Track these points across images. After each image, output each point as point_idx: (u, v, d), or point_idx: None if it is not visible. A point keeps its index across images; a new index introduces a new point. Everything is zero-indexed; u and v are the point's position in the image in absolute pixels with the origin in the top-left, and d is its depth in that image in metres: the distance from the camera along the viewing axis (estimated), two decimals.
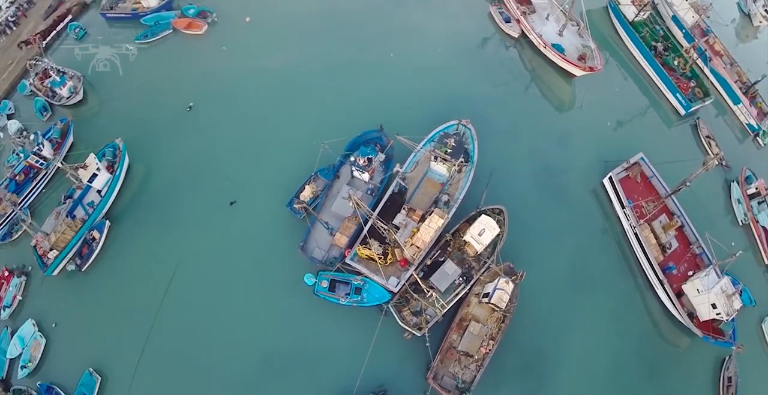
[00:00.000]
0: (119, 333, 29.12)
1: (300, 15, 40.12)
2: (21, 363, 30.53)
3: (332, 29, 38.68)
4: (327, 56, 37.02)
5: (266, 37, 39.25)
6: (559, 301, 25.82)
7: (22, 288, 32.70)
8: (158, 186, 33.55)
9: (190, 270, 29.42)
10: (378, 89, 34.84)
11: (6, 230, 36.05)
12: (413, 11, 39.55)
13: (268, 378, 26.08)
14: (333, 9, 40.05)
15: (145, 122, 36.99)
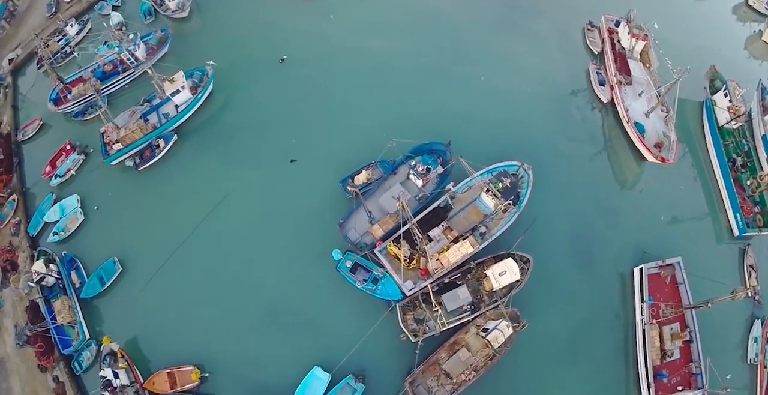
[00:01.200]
0: (151, 237, 31.89)
1: (412, 10, 41.87)
2: (55, 229, 33.60)
3: (437, 33, 40.41)
4: (422, 57, 38.82)
5: (373, 20, 41.30)
6: (549, 360, 27.18)
7: (78, 165, 35.58)
8: (231, 120, 36.07)
9: (233, 205, 32.00)
10: (458, 105, 36.45)
11: (81, 109, 39.03)
12: (518, 43, 40.88)
13: (265, 324, 28.68)
14: (444, 14, 41.79)
15: (238, 58, 39.51)
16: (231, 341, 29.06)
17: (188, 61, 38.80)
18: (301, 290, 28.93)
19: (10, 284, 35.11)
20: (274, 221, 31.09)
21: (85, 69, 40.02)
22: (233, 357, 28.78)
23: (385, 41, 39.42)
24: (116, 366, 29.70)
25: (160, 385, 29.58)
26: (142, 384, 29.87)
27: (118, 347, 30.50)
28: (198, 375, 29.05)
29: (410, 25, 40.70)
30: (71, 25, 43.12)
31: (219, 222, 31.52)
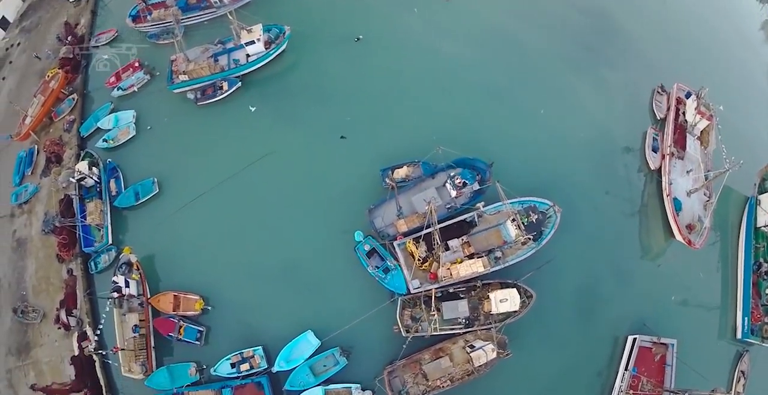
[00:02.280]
0: (192, 169, 34.40)
1: (493, 25, 42.94)
2: (105, 136, 35.89)
3: (510, 54, 41.39)
4: (490, 73, 39.94)
5: (453, 25, 42.36)
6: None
7: (141, 84, 37.46)
8: (296, 82, 37.97)
9: (276, 162, 34.46)
10: (510, 129, 37.59)
11: (157, 32, 40.91)
12: (585, 86, 41.59)
13: (275, 278, 31.30)
14: (522, 38, 42.62)
15: (317, 26, 41.42)
16: (240, 284, 31.37)
17: (269, 16, 40.46)
18: (317, 258, 30.96)
19: (51, 175, 36.96)
20: (309, 188, 33.05)
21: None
22: (237, 299, 31.18)
23: (458, 48, 40.76)
24: (129, 276, 32.14)
25: (164, 305, 31.59)
26: (148, 298, 31.70)
27: (135, 259, 32.76)
28: (201, 305, 30.92)
29: (487, 39, 41.93)
30: None
31: (259, 173, 33.53)
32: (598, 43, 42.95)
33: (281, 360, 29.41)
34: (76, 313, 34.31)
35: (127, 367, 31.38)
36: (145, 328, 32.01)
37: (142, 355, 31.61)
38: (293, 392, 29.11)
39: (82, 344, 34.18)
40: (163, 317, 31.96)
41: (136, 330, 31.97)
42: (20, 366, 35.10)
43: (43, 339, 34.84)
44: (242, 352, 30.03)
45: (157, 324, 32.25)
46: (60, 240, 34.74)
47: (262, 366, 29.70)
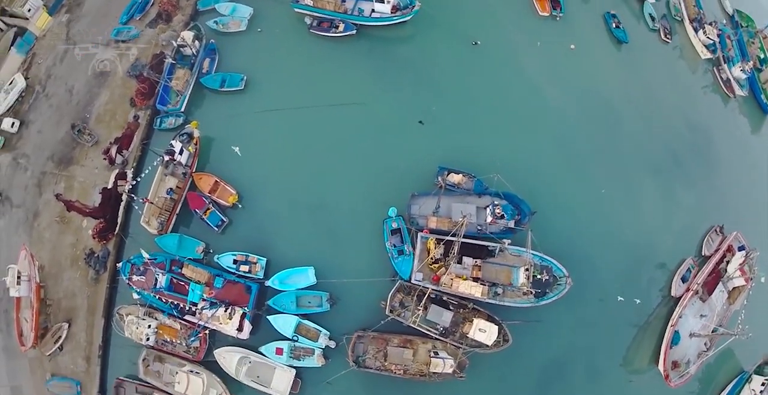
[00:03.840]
0: (281, 84, 38.70)
1: (609, 91, 43.50)
2: (218, 20, 41.25)
3: (605, 124, 42.32)
4: (576, 132, 41.08)
5: (571, 71, 43.16)
6: None
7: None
8: (406, 54, 41.27)
9: (356, 114, 37.77)
10: (566, 189, 38.85)
11: None
12: (653, 189, 42.16)
13: (304, 209, 35.76)
14: (625, 115, 43.46)
15: (446, 14, 43.39)
16: (275, 199, 35.72)
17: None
18: (349, 213, 34.80)
19: (156, 29, 42.07)
20: (373, 150, 36.76)
21: None
22: (267, 211, 35.45)
23: (559, 91, 42.00)
24: (186, 146, 35.55)
25: (203, 184, 35.47)
26: (192, 172, 35.63)
27: (198, 135, 36.49)
28: (234, 200, 34.74)
29: (591, 99, 42.73)
30: None
31: (337, 116, 37.46)
32: (689, 160, 44.19)
33: (276, 279, 33.19)
34: (125, 154, 38.67)
35: (147, 219, 35.81)
36: (178, 195, 36.18)
37: (165, 216, 35.88)
38: (272, 310, 32.85)
39: (119, 182, 38.52)
40: (197, 193, 36.00)
41: (169, 192, 36.24)
42: (55, 174, 39.49)
43: (86, 161, 39.24)
44: (248, 255, 33.96)
45: (190, 196, 36.31)
46: (140, 88, 39.01)
47: (258, 275, 33.54)
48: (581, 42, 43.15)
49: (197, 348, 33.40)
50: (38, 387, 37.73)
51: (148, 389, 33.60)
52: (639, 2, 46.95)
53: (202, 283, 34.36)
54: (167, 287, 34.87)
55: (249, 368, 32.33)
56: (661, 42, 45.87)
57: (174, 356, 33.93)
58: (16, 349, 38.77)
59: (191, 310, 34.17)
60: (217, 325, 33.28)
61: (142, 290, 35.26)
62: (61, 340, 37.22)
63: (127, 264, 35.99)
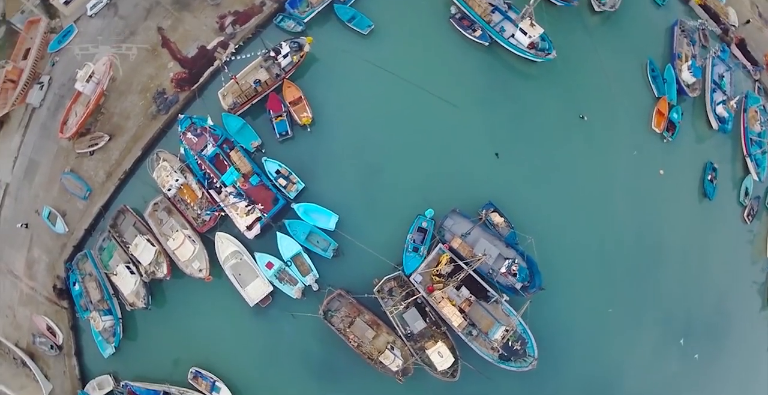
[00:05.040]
0: (397, 49, 40.83)
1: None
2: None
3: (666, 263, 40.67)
4: (609, 252, 39.68)
5: (655, 193, 41.52)
6: None
7: None
8: (521, 89, 41.51)
9: (442, 109, 39.21)
10: (589, 296, 38.11)
11: None
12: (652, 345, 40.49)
13: (361, 162, 38.35)
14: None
15: (574, 79, 42.68)
16: (339, 142, 38.98)
17: (558, 29, 42.22)
18: (394, 190, 37.38)
19: None
20: (446, 152, 38.50)
21: None
22: (327, 145, 39.00)
23: (626, 203, 40.41)
24: (292, 53, 38.74)
25: (288, 93, 39.79)
26: (285, 77, 39.33)
27: (307, 50, 39.23)
28: (307, 121, 38.77)
29: (646, 225, 40.77)
30: None
31: (431, 102, 38.88)
32: (697, 333, 40.90)
33: (303, 207, 36.11)
34: (237, 28, 41.39)
35: (225, 93, 38.67)
36: (263, 89, 38.86)
37: (241, 99, 38.58)
38: (283, 229, 35.95)
39: (219, 49, 41.28)
40: (280, 98, 38.64)
41: (257, 83, 38.77)
42: (168, 10, 42.64)
43: (200, 15, 42.45)
44: (291, 174, 36.72)
45: (272, 97, 38.90)
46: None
47: (290, 194, 36.49)
48: (671, 173, 42.01)
49: (205, 221, 36.65)
50: (53, 172, 41.60)
51: (144, 229, 37.20)
52: (744, 171, 44.72)
53: (240, 172, 37.13)
54: (210, 158, 37.82)
55: (236, 263, 35.58)
56: (741, 219, 43.37)
57: (182, 216, 37.21)
58: (53, 132, 42.46)
59: (218, 188, 37.21)
60: (232, 214, 36.30)
61: (188, 148, 38.24)
62: (96, 147, 40.54)
63: (188, 120, 38.86)
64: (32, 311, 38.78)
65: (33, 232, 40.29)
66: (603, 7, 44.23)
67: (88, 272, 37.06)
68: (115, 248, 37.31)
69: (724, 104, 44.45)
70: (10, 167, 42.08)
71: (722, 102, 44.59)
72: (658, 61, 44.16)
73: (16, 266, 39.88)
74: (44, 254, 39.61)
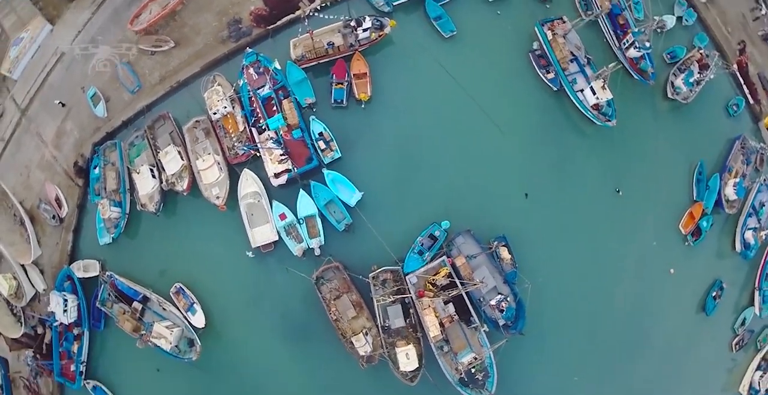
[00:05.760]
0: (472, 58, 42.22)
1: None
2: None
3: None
4: (602, 323, 40.07)
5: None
6: None
7: None
8: (572, 143, 42.11)
9: (488, 129, 40.36)
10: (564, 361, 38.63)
11: None
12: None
13: (398, 150, 40.02)
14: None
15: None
16: (387, 127, 40.30)
17: None
18: (422, 189, 38.70)
19: None
20: (481, 172, 39.52)
21: None
22: (374, 126, 40.20)
23: (632, 288, 40.70)
24: (372, 30, 39.70)
25: (355, 65, 40.89)
26: (358, 50, 40.69)
27: (388, 31, 40.50)
28: (365, 98, 39.75)
29: (644, 313, 41.24)
30: None
31: (480, 119, 40.06)
32: None
33: (332, 175, 37.49)
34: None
35: (296, 44, 40.09)
36: (332, 52, 39.95)
37: (310, 55, 39.68)
38: (307, 188, 37.29)
39: (306, 0, 42.09)
40: (347, 67, 39.71)
41: (329, 45, 39.76)
42: None
43: None
44: (333, 141, 38.00)
45: (339, 63, 39.95)
46: None
47: (324, 159, 37.89)
48: (681, 276, 42.27)
49: (238, 154, 37.73)
50: (110, 57, 42.23)
51: (178, 140, 38.38)
52: (749, 301, 44.28)
53: (286, 122, 38.26)
54: (263, 99, 38.97)
55: (253, 203, 36.74)
56: (728, 345, 43.26)
57: (218, 142, 38.36)
58: (123, 20, 43.26)
59: (261, 129, 38.45)
60: (265, 157, 37.38)
61: (246, 83, 39.22)
62: (158, 49, 41.39)
63: (255, 56, 39.99)
64: (47, 178, 40.17)
65: (72, 107, 41.37)
66: (676, 96, 44.82)
67: (112, 161, 38.36)
68: (144, 149, 38.64)
69: (754, 232, 44.79)
70: (71, 38, 42.98)
71: (754, 229, 44.94)
72: (708, 166, 44.11)
73: (46, 132, 41.15)
74: (76, 130, 40.83)
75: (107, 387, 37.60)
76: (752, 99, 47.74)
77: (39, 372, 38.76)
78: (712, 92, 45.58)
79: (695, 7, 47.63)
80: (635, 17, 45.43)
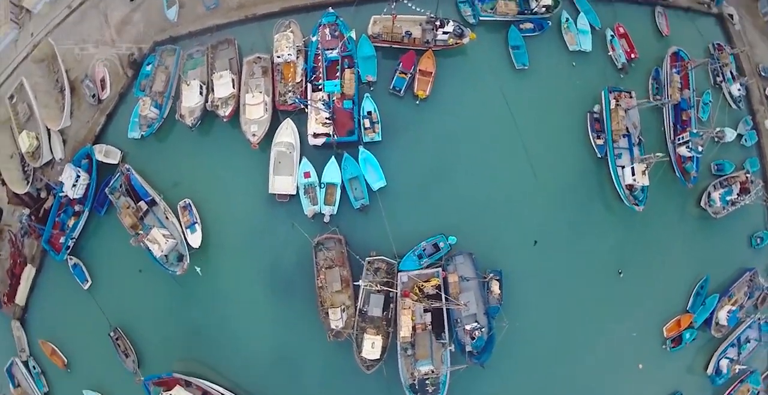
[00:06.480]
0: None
1: None
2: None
3: None
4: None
5: None
6: None
7: None
8: (592, 211, 58.11)
9: (521, 166, 55.11)
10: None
11: None
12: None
13: (426, 159, 54.37)
14: None
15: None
16: (432, 129, 54.65)
17: None
18: (446, 200, 52.98)
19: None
20: (503, 205, 54.41)
21: None
22: (420, 125, 54.65)
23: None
24: (451, 35, 55.14)
25: (424, 63, 55.13)
26: (432, 49, 55.72)
27: (465, 41, 56.40)
28: (422, 95, 54.64)
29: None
30: None
31: (521, 153, 54.99)
32: None
33: (365, 153, 52.09)
34: None
35: (375, 22, 54.78)
36: (407, 42, 55.07)
37: (386, 37, 54.67)
38: (338, 157, 51.82)
39: None
40: (415, 60, 54.85)
41: (407, 34, 55.87)
42: None
43: None
44: (378, 123, 52.55)
45: (411, 54, 54.65)
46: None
47: (364, 137, 52.36)
48: (648, 373, 56.48)
49: (286, 102, 52.60)
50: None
51: (235, 68, 53.00)
52: None
53: (342, 90, 53.02)
54: (328, 60, 54.33)
55: (284, 153, 50.91)
56: None
57: (272, 84, 53.03)
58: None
59: (315, 86, 53.60)
60: (311, 115, 51.92)
61: (318, 40, 54.42)
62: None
63: (334, 17, 55.87)
64: (99, 58, 53.99)
65: (146, 0, 56.14)
66: (707, 208, 61.49)
67: (166, 65, 52.80)
68: (201, 64, 53.26)
69: (730, 362, 59.98)
70: None
71: (731, 359, 60.14)
72: (712, 283, 59.15)
73: (113, 15, 55.49)
74: (142, 24, 55.58)
75: (87, 268, 50.99)
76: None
77: (29, 232, 52.11)
78: (743, 217, 63.76)
79: (759, 131, 67.61)
80: (699, 117, 63.94)
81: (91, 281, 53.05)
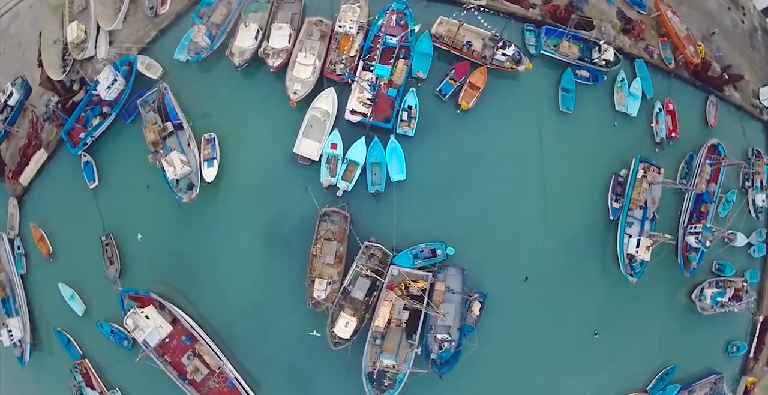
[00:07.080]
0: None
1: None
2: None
3: None
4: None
5: None
6: None
7: None
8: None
9: (537, 197, 71.63)
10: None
11: None
12: None
13: (447, 163, 70.55)
14: None
15: None
16: (462, 145, 70.91)
17: None
18: (455, 203, 68.84)
19: None
20: (509, 226, 70.50)
21: None
22: (458, 135, 71.40)
23: None
24: (512, 55, 72.51)
25: (476, 77, 74.16)
26: (490, 65, 71.95)
27: (521, 68, 70.22)
28: (464, 107, 71.30)
29: None
30: None
31: (537, 185, 71.32)
32: None
33: (395, 142, 67.94)
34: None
35: (443, 23, 72.24)
36: (464, 53, 71.77)
37: (446, 40, 72.19)
38: (368, 139, 67.58)
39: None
40: (469, 71, 71.03)
41: (468, 44, 73.75)
42: None
43: None
44: (415, 120, 68.77)
45: (465, 64, 71.29)
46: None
47: (398, 129, 68.59)
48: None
49: (334, 71, 68.92)
50: None
51: (296, 23, 69.01)
52: None
53: (390, 77, 67.43)
54: (385, 45, 70.76)
55: (318, 118, 67.26)
56: None
57: (326, 50, 68.91)
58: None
59: (366, 66, 69.97)
60: (354, 92, 68.10)
61: (382, 23, 71.38)
62: None
63: (403, 5, 74.43)
64: None
65: None
66: (697, 302, 77.81)
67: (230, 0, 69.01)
68: (264, 10, 69.45)
69: None
70: None
71: None
72: (678, 373, 75.92)
73: None
74: None
75: (97, 169, 64.92)
76: (753, 354, 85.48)
77: (51, 119, 65.78)
78: (727, 321, 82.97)
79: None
80: (717, 212, 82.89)
81: (98, 183, 67.97)
